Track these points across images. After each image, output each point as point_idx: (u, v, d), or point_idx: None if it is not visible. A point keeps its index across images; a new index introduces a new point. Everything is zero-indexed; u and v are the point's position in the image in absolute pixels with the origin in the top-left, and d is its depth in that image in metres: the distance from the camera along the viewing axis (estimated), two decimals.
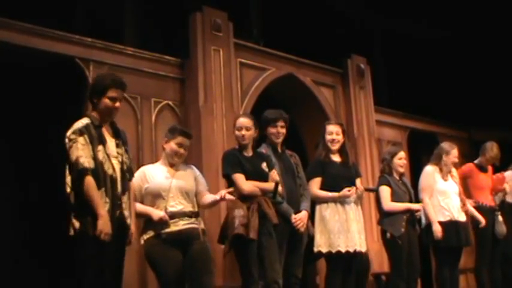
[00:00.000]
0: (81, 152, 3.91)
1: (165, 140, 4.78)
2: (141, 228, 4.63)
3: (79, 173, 3.89)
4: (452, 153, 6.39)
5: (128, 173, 4.17)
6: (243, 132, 5.03)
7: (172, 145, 4.69)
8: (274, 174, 5.04)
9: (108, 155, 4.03)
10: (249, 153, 5.07)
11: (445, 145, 6.55)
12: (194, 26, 6.77)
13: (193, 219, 4.60)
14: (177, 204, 4.56)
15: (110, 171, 4.01)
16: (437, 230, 6.14)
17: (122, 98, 4.27)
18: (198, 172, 4.88)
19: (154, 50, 6.67)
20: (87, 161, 3.91)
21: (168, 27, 7.25)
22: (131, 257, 5.70)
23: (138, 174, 4.66)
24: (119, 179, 4.06)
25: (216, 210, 5.85)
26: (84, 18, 6.81)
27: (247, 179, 4.90)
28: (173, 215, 4.51)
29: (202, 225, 4.67)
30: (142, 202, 4.60)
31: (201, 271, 4.49)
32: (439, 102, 9.75)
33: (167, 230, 4.48)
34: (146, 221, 4.59)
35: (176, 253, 4.47)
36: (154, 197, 4.58)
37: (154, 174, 4.65)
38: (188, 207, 4.61)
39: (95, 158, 3.95)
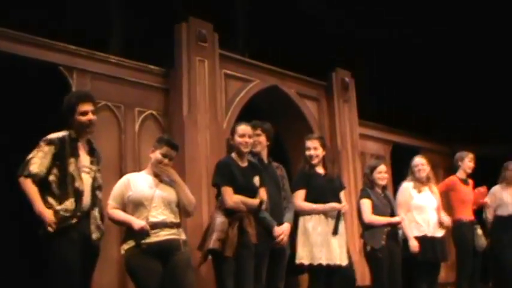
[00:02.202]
0: (37, 159, 4.08)
1: (152, 149, 4.77)
2: (122, 238, 4.60)
3: (24, 174, 4.06)
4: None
5: (98, 190, 4.31)
6: (246, 139, 5.03)
7: (157, 155, 4.68)
8: (263, 193, 5.05)
9: (78, 169, 4.17)
10: (244, 163, 5.06)
11: (415, 160, 6.59)
12: (179, 36, 6.75)
13: (174, 230, 4.57)
14: (159, 215, 4.53)
15: (77, 184, 4.14)
16: (413, 245, 6.19)
17: (94, 110, 4.37)
18: None
19: (139, 60, 6.65)
20: (37, 169, 4.07)
21: (153, 36, 7.23)
22: (111, 266, 5.69)
23: (122, 181, 4.68)
24: (87, 193, 4.19)
25: (198, 219, 5.83)
26: (69, 26, 6.77)
27: (236, 192, 4.90)
28: (155, 225, 4.48)
29: (183, 236, 4.64)
30: (124, 210, 4.58)
31: (182, 283, 4.47)
32: (422, 116, 9.81)
33: (148, 240, 4.44)
34: (127, 230, 4.55)
35: (156, 264, 4.44)
36: (137, 205, 4.55)
37: (138, 183, 4.62)
38: (170, 218, 4.57)
39: (63, 169, 4.11)
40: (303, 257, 5.39)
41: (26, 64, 5.92)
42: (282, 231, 5.17)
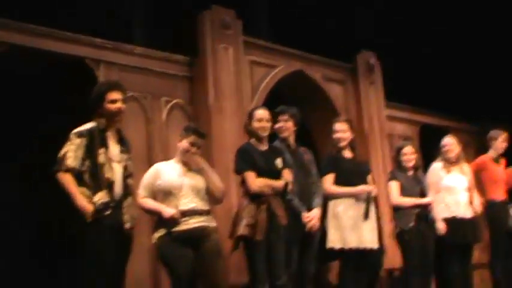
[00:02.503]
0: (71, 152, 4.10)
1: (179, 138, 4.80)
2: (153, 227, 4.65)
3: (60, 168, 4.08)
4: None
5: (129, 178, 4.34)
6: (264, 123, 5.02)
7: (184, 143, 4.71)
8: (287, 174, 5.03)
9: (109, 159, 4.19)
10: (264, 147, 5.05)
11: (443, 140, 6.52)
12: (203, 25, 6.77)
13: (204, 217, 4.61)
14: (188, 203, 4.57)
15: (108, 174, 4.16)
16: (440, 227, 6.12)
17: (123, 99, 4.37)
18: None
19: (163, 49, 6.68)
20: (73, 162, 4.10)
21: (177, 26, 7.25)
22: (143, 255, 5.75)
23: (151, 171, 4.74)
24: (119, 183, 4.22)
25: (227, 206, 5.85)
26: (92, 18, 6.82)
27: (259, 175, 4.88)
28: (184, 213, 4.52)
29: (213, 223, 4.68)
30: (154, 199, 4.64)
31: (213, 269, 4.53)
32: (450, 96, 9.70)
33: (178, 228, 4.49)
34: (158, 219, 4.61)
35: (187, 251, 4.49)
36: (166, 194, 4.60)
37: (166, 172, 4.67)
38: (199, 206, 4.61)
39: (94, 160, 4.13)
40: (334, 241, 5.35)
41: (52, 59, 5.99)
42: (312, 216, 5.16)
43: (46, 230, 6.57)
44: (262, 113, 5.05)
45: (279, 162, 5.02)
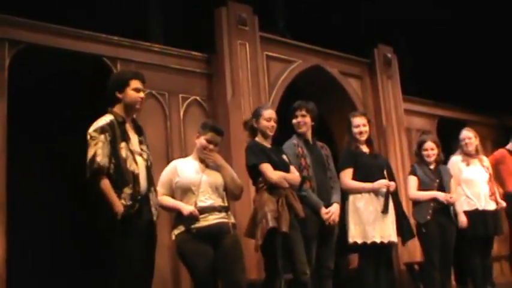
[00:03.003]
0: (99, 150, 3.96)
1: (197, 135, 4.82)
2: (172, 224, 4.67)
3: (94, 171, 3.94)
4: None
5: (151, 169, 4.24)
6: (272, 123, 5.02)
7: (202, 140, 4.72)
8: (294, 170, 5.03)
9: (131, 152, 4.10)
10: (268, 145, 5.06)
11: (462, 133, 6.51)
12: (219, 21, 6.78)
13: (223, 214, 4.60)
14: (207, 199, 4.57)
15: (132, 168, 4.06)
16: (462, 220, 6.12)
17: (144, 91, 4.31)
18: None
19: (180, 46, 6.70)
20: (103, 160, 3.95)
21: (194, 22, 7.27)
22: (163, 252, 5.77)
23: (169, 168, 4.73)
24: (143, 175, 4.12)
25: (246, 202, 5.86)
26: (109, 16, 6.85)
27: (273, 169, 4.90)
28: (203, 210, 4.52)
29: (232, 220, 4.68)
30: (172, 196, 4.63)
31: (233, 266, 4.51)
32: (468, 89, 9.65)
33: (197, 225, 4.48)
34: (176, 216, 4.61)
35: (207, 248, 4.48)
36: (185, 191, 4.60)
37: (185, 169, 4.67)
38: (218, 202, 4.61)
39: (117, 155, 4.01)
40: (355, 235, 5.35)
41: (71, 57, 6.03)
42: (331, 212, 5.16)
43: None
44: (270, 113, 5.05)
45: (285, 158, 5.04)
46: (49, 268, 6.53)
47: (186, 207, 4.51)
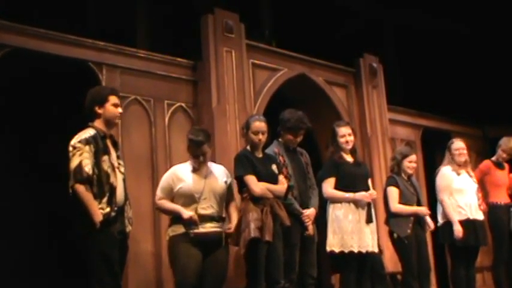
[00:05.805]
0: (86, 160, 4.10)
1: (187, 144, 4.95)
2: (168, 224, 4.83)
3: (80, 180, 4.07)
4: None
5: (126, 183, 4.39)
6: (260, 136, 5.06)
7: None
8: (283, 180, 5.09)
9: (112, 165, 4.25)
10: (259, 154, 5.10)
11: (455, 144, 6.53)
12: (206, 28, 6.77)
13: (220, 223, 4.80)
14: (208, 207, 4.73)
15: (111, 180, 4.20)
16: (458, 230, 6.16)
17: (121, 107, 4.52)
18: (229, 177, 5.01)
19: (166, 53, 6.69)
20: (91, 170, 4.10)
21: (180, 29, 7.27)
22: (147, 261, 5.74)
23: (168, 175, 4.89)
24: (120, 188, 4.27)
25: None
26: (95, 21, 6.83)
27: (259, 180, 4.94)
28: (202, 218, 4.69)
29: (227, 230, 4.85)
30: (171, 201, 4.79)
31: (217, 275, 4.74)
32: (452, 99, 9.71)
33: (195, 230, 4.66)
34: (174, 218, 4.77)
35: (198, 253, 4.66)
36: (187, 197, 4.74)
37: (186, 175, 4.79)
38: (217, 212, 4.79)
39: (99, 167, 4.15)
40: (333, 244, 5.39)
41: (55, 62, 6.00)
42: (307, 214, 5.22)
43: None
44: (258, 125, 5.08)
45: (274, 168, 5.09)
46: (29, 268, 6.48)
47: (186, 212, 4.68)
